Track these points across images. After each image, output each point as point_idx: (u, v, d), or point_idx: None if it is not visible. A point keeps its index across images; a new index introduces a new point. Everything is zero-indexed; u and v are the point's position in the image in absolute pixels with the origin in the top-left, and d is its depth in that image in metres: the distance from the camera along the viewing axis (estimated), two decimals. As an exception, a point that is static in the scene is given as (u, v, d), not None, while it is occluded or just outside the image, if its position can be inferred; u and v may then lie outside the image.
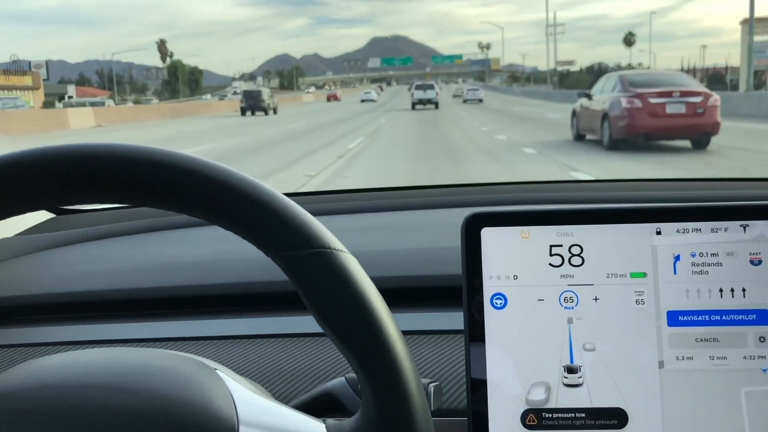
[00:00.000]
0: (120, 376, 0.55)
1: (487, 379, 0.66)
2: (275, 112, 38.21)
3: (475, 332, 0.67)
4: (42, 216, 1.45)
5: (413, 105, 39.28)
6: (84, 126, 26.82)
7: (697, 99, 12.68)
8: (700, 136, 12.87)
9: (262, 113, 36.42)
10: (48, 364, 0.57)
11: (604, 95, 13.90)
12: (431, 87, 40.81)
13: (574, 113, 15.85)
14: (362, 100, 57.67)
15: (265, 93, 39.04)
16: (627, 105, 12.71)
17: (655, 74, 16.45)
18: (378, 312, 0.52)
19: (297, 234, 0.52)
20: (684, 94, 12.75)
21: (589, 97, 14.82)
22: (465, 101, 47.61)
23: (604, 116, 13.29)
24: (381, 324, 0.52)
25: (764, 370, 0.66)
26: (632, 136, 12.90)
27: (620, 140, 12.93)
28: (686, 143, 13.27)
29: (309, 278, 0.52)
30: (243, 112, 37.30)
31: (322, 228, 0.54)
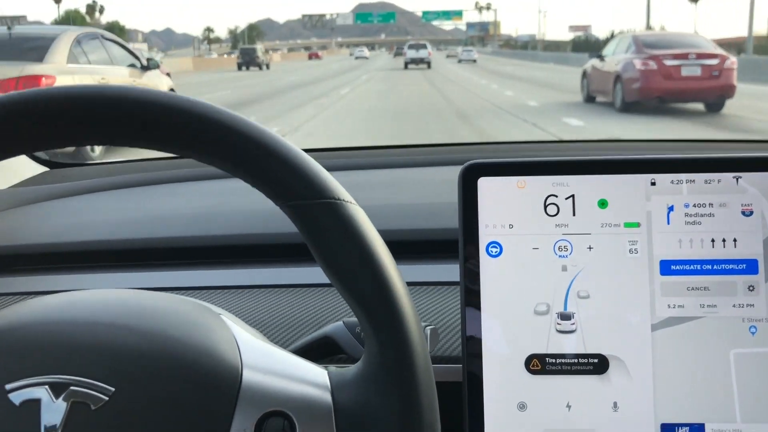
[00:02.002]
0: (126, 316, 0.57)
1: (481, 325, 0.71)
2: (268, 67, 46.14)
3: (470, 279, 0.71)
4: (35, 169, 1.49)
5: (406, 64, 44.28)
6: None
7: (713, 61, 12.85)
8: (715, 100, 13.08)
9: (257, 68, 43.93)
10: (54, 301, 0.60)
11: (616, 56, 13.96)
12: (424, 47, 45.90)
13: (584, 74, 15.94)
14: (356, 57, 74.91)
15: (259, 50, 47.20)
16: (641, 67, 12.80)
17: (670, 36, 16.47)
18: (384, 262, 0.55)
19: (307, 184, 0.54)
20: (700, 56, 12.93)
21: (601, 58, 14.93)
22: (459, 61, 55.62)
23: (617, 78, 13.38)
24: (386, 274, 0.55)
25: (753, 332, 0.70)
26: (645, 98, 13.01)
27: (633, 103, 13.03)
28: (699, 106, 13.57)
29: (317, 228, 0.54)
30: (239, 67, 45.49)
31: (331, 179, 0.56)
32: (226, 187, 1.31)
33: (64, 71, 7.14)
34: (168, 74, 11.56)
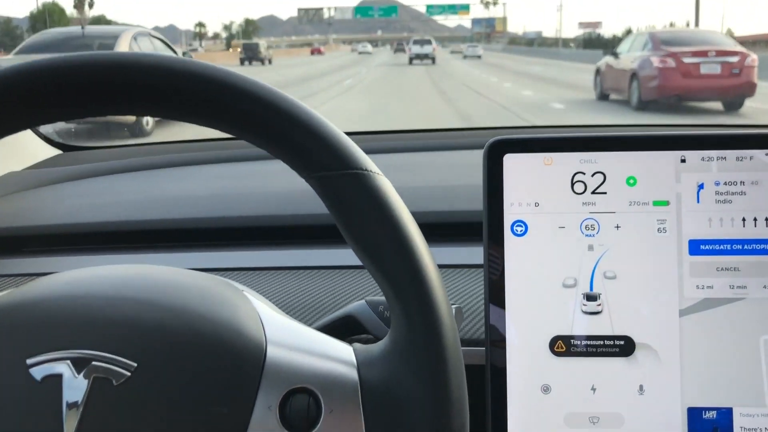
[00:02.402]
0: (150, 291, 0.57)
1: (505, 306, 0.70)
2: (270, 62, 46.73)
3: (494, 258, 0.70)
4: (49, 152, 1.49)
5: (410, 60, 45.40)
6: None
7: (734, 59, 12.52)
8: (734, 98, 12.70)
9: (259, 63, 44.51)
10: (76, 276, 0.59)
11: (632, 54, 13.71)
12: (428, 42, 47.40)
13: (597, 72, 15.62)
14: (360, 52, 76.62)
15: (262, 46, 48.25)
16: (659, 64, 12.54)
17: (688, 33, 16.29)
18: (412, 235, 0.54)
19: (333, 154, 0.54)
20: (720, 53, 12.59)
21: (615, 55, 14.63)
22: (465, 57, 56.54)
23: (633, 76, 13.08)
24: (414, 247, 0.54)
25: None
26: (663, 97, 12.75)
27: (650, 101, 12.74)
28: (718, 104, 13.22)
29: (344, 199, 0.53)
30: (242, 62, 45.81)
31: (358, 149, 0.55)
32: (246, 170, 1.31)
33: None
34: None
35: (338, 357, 0.56)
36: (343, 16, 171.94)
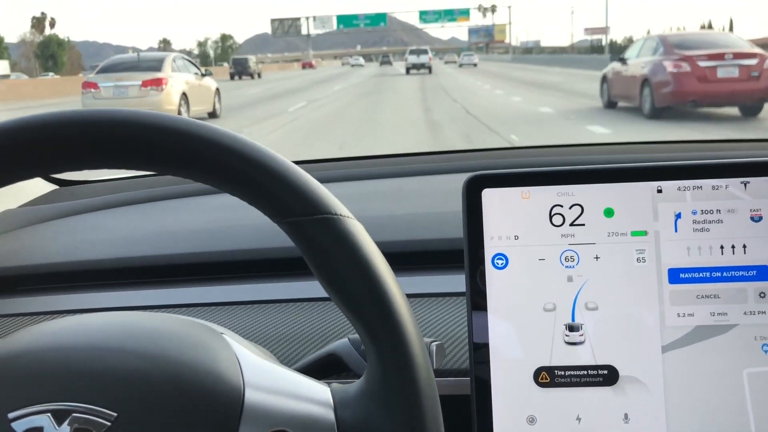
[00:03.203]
0: (127, 339, 0.59)
1: (489, 339, 0.72)
2: (259, 76, 49.45)
3: (476, 292, 0.72)
4: (44, 188, 1.54)
5: (407, 69, 47.96)
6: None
7: (752, 62, 12.15)
8: (753, 103, 12.42)
9: (249, 77, 47.06)
10: (55, 327, 0.62)
11: (642, 59, 13.37)
12: (425, 52, 49.71)
13: (604, 79, 15.27)
14: (352, 65, 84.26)
15: (251, 61, 50.79)
16: (673, 69, 12.22)
17: (701, 35, 15.67)
18: (383, 278, 0.56)
19: (303, 200, 0.56)
20: (737, 56, 12.26)
21: (622, 61, 14.31)
22: (460, 65, 59.92)
23: (644, 82, 12.78)
24: (386, 289, 0.56)
25: (766, 350, 0.71)
26: (678, 103, 12.45)
27: (664, 108, 12.50)
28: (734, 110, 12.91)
29: (315, 244, 0.56)
30: (232, 76, 48.47)
31: (328, 194, 0.58)
32: (235, 201, 1.34)
33: (170, 75, 14.19)
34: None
35: (315, 398, 0.58)
36: (324, 27, 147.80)
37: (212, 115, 15.21)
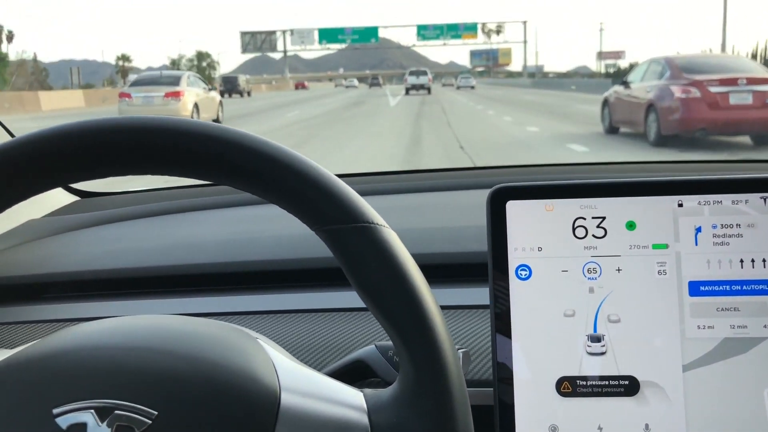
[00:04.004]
0: (165, 340, 0.62)
1: (512, 349, 0.76)
2: (249, 94, 50.77)
3: (500, 302, 0.77)
4: (67, 199, 1.61)
5: (407, 90, 49.64)
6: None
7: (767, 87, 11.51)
8: None
9: (239, 95, 48.44)
10: (97, 327, 0.65)
11: (647, 83, 12.89)
12: (424, 73, 51.87)
13: (605, 103, 14.72)
14: (346, 87, 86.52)
15: (241, 79, 53.07)
16: (681, 94, 11.74)
17: (711, 58, 14.91)
18: (418, 285, 0.60)
19: (342, 209, 0.60)
20: (751, 81, 11.71)
21: (625, 84, 13.77)
22: (458, 88, 61.06)
23: (650, 107, 12.25)
24: (421, 297, 0.60)
25: None
26: (687, 131, 11.83)
27: (670, 136, 11.87)
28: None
29: (352, 252, 0.60)
30: (222, 94, 51.92)
31: (365, 203, 0.61)
32: (257, 214, 1.40)
33: (185, 89, 17.51)
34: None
35: (349, 403, 0.62)
36: (303, 43, 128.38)
37: (216, 121, 17.64)
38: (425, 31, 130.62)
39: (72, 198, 1.63)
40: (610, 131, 14.64)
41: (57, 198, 1.59)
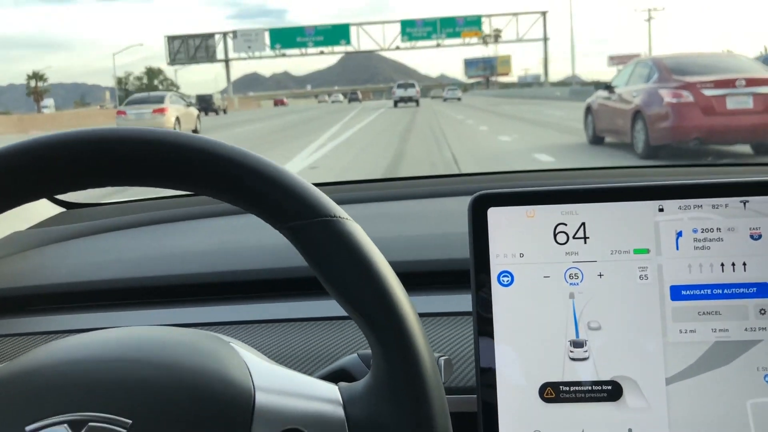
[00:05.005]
0: (138, 350, 0.65)
1: (495, 355, 0.79)
2: (225, 112, 55.80)
3: (482, 309, 0.80)
4: (52, 210, 1.65)
5: (395, 103, 51.79)
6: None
7: None
8: None
9: (214, 113, 52.32)
10: (67, 343, 0.67)
11: (633, 87, 12.16)
12: (412, 86, 54.19)
13: (588, 110, 14.03)
14: (332, 101, 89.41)
15: (216, 97, 58.36)
16: (671, 99, 10.98)
17: (703, 58, 13.34)
18: (383, 273, 0.63)
19: (301, 203, 0.63)
20: (751, 82, 10.87)
21: (609, 89, 13.06)
22: (445, 100, 64.87)
23: (637, 114, 11.54)
24: (386, 285, 0.63)
25: None
26: (679, 140, 11.14)
27: (660, 146, 11.18)
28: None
29: (315, 246, 0.62)
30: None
31: (324, 197, 0.64)
32: (244, 223, 1.44)
33: (169, 106, 23.95)
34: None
35: (324, 396, 0.65)
36: (251, 49, 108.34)
37: (194, 131, 24.35)
38: (411, 29, 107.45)
39: (58, 209, 1.68)
40: (594, 141, 13.91)
41: (42, 210, 1.64)
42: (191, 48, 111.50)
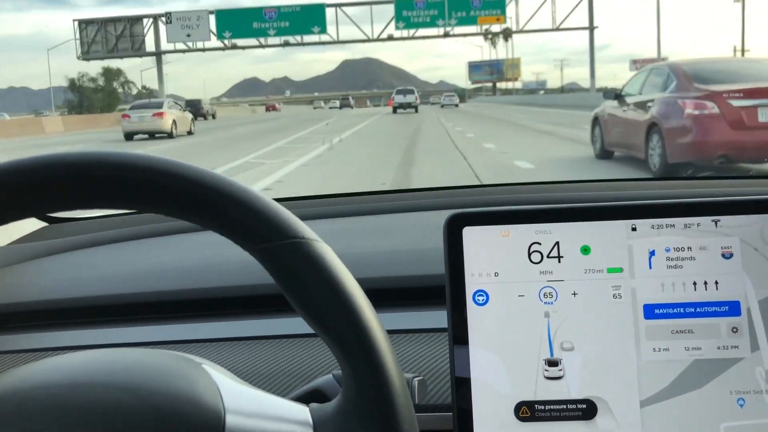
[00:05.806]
0: (108, 374, 0.67)
1: (470, 374, 0.82)
2: (214, 117, 57.82)
3: (458, 328, 0.82)
4: (33, 225, 1.68)
5: (394, 109, 54.05)
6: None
7: None
8: None
9: (202, 118, 53.60)
10: (37, 367, 0.69)
11: (647, 95, 11.24)
12: (411, 92, 56.54)
13: (596, 121, 13.28)
14: (330, 107, 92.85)
15: (205, 102, 59.84)
16: (694, 111, 10.00)
17: (727, 63, 12.35)
18: (353, 295, 0.65)
19: (270, 226, 0.65)
20: None
21: (620, 98, 12.17)
22: (442, 106, 67.40)
23: (652, 127, 10.64)
24: (356, 307, 0.65)
25: (741, 405, 0.81)
26: (703, 158, 10.13)
27: (680, 164, 10.06)
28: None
29: (285, 268, 0.65)
30: None
31: (294, 219, 0.66)
32: (216, 239, 1.53)
33: (167, 110, 29.96)
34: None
35: (295, 418, 0.67)
36: (191, 37, 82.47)
37: (189, 132, 31.27)
38: (410, 12, 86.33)
39: (40, 224, 1.71)
40: (602, 156, 13.03)
41: (23, 224, 1.67)
42: (111, 37, 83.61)
